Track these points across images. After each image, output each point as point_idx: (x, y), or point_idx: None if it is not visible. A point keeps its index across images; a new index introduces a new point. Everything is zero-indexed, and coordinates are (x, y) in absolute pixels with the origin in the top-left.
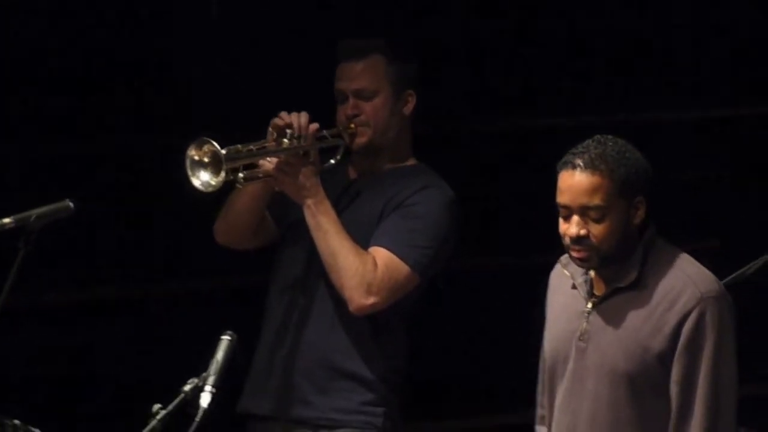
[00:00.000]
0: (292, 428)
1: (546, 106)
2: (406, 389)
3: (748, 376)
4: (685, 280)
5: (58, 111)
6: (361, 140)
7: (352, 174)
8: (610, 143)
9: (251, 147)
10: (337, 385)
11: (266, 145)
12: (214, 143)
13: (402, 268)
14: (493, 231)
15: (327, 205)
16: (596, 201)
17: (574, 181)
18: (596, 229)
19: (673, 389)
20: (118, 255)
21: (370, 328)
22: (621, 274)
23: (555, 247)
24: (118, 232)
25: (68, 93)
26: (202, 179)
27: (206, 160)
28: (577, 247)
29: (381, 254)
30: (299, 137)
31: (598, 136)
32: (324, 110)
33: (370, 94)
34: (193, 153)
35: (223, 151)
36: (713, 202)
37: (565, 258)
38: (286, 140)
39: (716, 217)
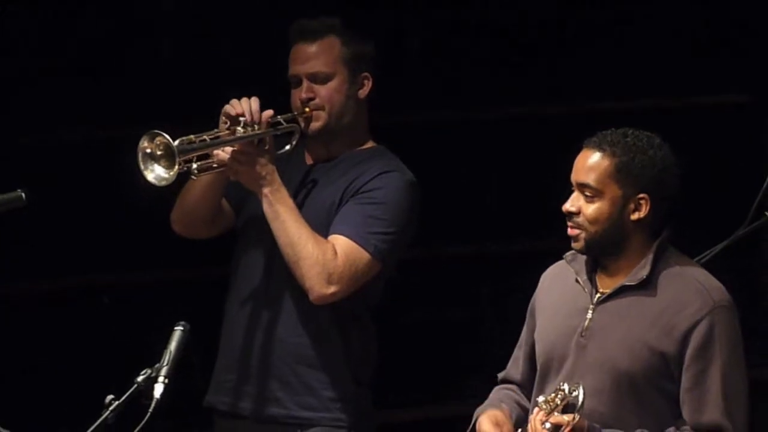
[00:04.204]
0: (261, 427)
1: (508, 96)
2: (377, 380)
3: None
4: (698, 287)
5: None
6: (316, 125)
7: (309, 160)
8: (635, 135)
9: (204, 137)
10: (304, 382)
11: (220, 134)
12: (166, 135)
13: (362, 255)
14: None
15: (284, 194)
16: (589, 179)
17: (581, 158)
18: (587, 209)
19: (685, 396)
20: (71, 246)
21: (337, 321)
22: (630, 272)
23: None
24: (70, 223)
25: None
26: (156, 173)
27: (159, 152)
28: (569, 223)
29: (341, 242)
30: (253, 125)
31: (634, 129)
32: (279, 96)
33: (324, 78)
34: (145, 146)
35: (176, 143)
36: None
37: (570, 254)
38: (239, 128)
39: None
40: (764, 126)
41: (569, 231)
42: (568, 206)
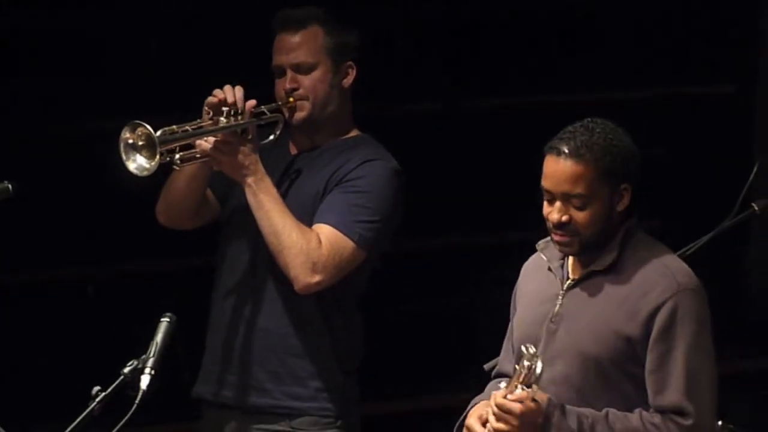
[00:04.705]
0: (249, 417)
1: (497, 87)
2: (363, 370)
3: None
4: (663, 270)
5: None
6: (300, 115)
7: (293, 150)
8: (598, 129)
9: (187, 127)
10: (292, 372)
11: (202, 124)
12: (147, 126)
13: (347, 244)
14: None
15: (268, 183)
16: (578, 189)
17: (558, 168)
18: (579, 216)
19: (648, 379)
20: (58, 237)
21: (322, 311)
22: (598, 258)
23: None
24: (55, 214)
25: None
26: (137, 163)
27: (140, 143)
28: (559, 232)
29: (325, 231)
30: (236, 114)
31: (588, 120)
32: (262, 86)
33: (308, 68)
34: (126, 136)
35: (157, 134)
36: (653, 181)
37: (543, 242)
38: (222, 118)
39: (657, 197)
40: (751, 116)
41: (559, 239)
42: (559, 218)
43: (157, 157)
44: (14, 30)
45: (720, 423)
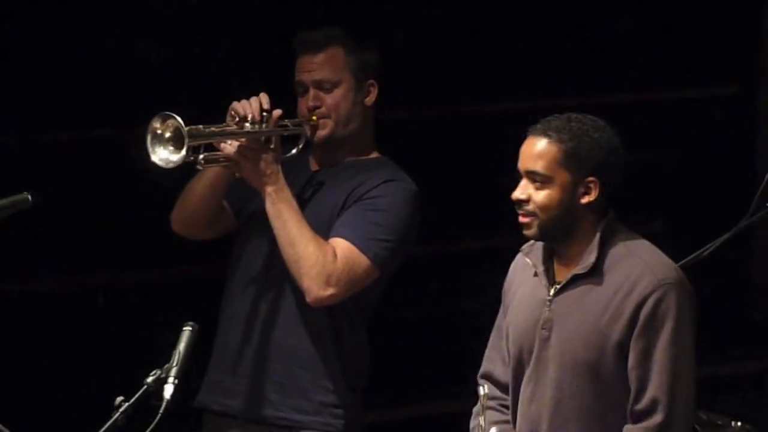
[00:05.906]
0: (251, 427)
1: (493, 91)
2: (369, 385)
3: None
4: (643, 267)
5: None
6: (322, 132)
7: (314, 166)
8: (578, 119)
9: (213, 128)
10: (298, 384)
11: (227, 128)
12: (178, 118)
13: (362, 260)
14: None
15: (287, 194)
16: (538, 167)
17: (526, 146)
18: (537, 196)
19: (630, 375)
20: (78, 246)
21: (332, 325)
22: (579, 261)
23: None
24: (77, 222)
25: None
26: (163, 155)
27: (168, 135)
28: (519, 211)
29: (341, 245)
30: (261, 122)
31: (576, 113)
32: (283, 105)
33: (330, 86)
34: (156, 126)
35: (186, 128)
36: (657, 185)
37: (527, 246)
38: (248, 124)
39: (660, 199)
40: (754, 118)
41: (520, 219)
42: (518, 194)
43: (183, 151)
44: (15, 31)
45: (739, 424)
